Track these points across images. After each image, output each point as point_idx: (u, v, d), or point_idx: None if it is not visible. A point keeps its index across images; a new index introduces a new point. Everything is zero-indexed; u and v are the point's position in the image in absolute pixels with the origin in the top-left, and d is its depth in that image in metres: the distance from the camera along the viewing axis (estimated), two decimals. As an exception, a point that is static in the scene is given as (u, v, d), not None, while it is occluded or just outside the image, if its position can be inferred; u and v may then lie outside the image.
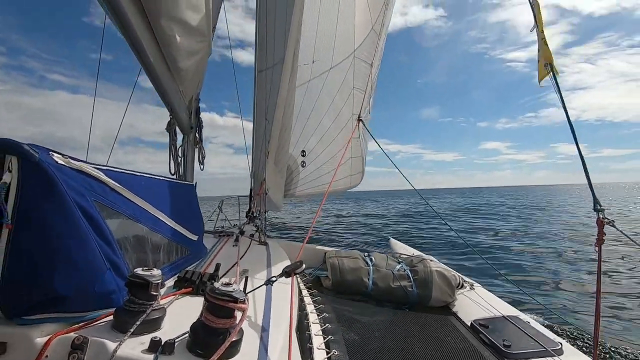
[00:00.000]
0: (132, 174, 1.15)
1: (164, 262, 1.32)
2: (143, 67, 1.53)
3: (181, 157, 2.66)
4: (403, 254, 3.15)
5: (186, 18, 1.50)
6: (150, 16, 1.37)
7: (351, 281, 2.41)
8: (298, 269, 1.17)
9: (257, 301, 1.20)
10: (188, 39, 1.64)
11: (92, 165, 0.94)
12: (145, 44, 1.40)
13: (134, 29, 1.30)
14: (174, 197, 1.47)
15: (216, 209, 4.11)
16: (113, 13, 1.23)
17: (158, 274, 0.89)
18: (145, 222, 1.17)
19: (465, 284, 2.54)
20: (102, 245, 0.91)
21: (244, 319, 0.84)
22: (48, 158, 0.80)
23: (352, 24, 4.11)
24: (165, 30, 1.44)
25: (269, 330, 0.99)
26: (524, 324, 1.87)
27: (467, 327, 1.96)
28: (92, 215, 0.89)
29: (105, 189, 0.97)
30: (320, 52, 4.16)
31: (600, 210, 1.28)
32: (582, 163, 1.35)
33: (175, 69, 1.75)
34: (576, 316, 3.52)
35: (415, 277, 2.40)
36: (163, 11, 1.38)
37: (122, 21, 1.27)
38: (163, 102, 1.95)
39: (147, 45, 1.41)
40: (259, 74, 3.69)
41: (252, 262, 1.77)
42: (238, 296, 0.82)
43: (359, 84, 4.44)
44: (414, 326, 1.96)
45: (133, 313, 0.84)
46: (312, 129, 4.50)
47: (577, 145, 1.39)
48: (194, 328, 0.83)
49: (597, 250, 1.32)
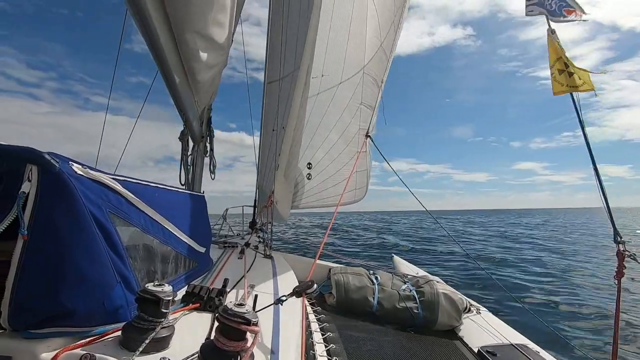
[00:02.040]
0: (147, 185, 1.14)
1: (172, 274, 1.29)
2: (163, 78, 1.54)
3: (190, 166, 2.67)
4: (408, 274, 3.09)
5: (211, 33, 1.52)
6: (176, 29, 1.39)
7: (356, 300, 2.36)
8: (309, 290, 1.14)
9: (265, 320, 1.16)
10: (210, 53, 1.66)
11: (109, 176, 0.93)
12: (168, 56, 1.42)
13: (159, 40, 1.32)
14: (185, 208, 1.45)
15: (220, 218, 4.09)
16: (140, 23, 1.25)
17: (169, 290, 0.87)
18: (155, 234, 1.15)
19: (472, 308, 2.47)
20: (114, 259, 0.89)
21: (256, 342, 0.81)
22: (68, 168, 0.80)
23: (363, 41, 4.16)
24: (189, 44, 1.46)
25: (278, 354, 0.95)
26: (534, 354, 1.81)
27: (474, 353, 1.90)
28: (106, 227, 0.87)
29: (121, 200, 0.96)
30: (330, 66, 4.21)
31: (621, 242, 1.25)
32: (602, 191, 1.32)
33: (193, 80, 1.77)
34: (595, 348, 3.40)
35: (421, 299, 2.35)
36: (190, 26, 1.40)
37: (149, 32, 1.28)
38: (178, 111, 1.96)
39: (169, 57, 1.43)
40: (269, 85, 3.72)
41: (258, 277, 1.74)
42: (251, 318, 0.79)
43: (367, 100, 4.47)
44: (420, 350, 1.90)
45: (142, 330, 0.81)
46: (320, 142, 4.52)
47: (596, 171, 1.37)
48: (204, 350, 0.80)
49: (617, 283, 1.28)
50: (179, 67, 1.55)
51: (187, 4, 1.30)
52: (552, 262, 8.26)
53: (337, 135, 4.55)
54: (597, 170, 1.37)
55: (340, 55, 4.20)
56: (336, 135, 4.55)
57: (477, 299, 2.78)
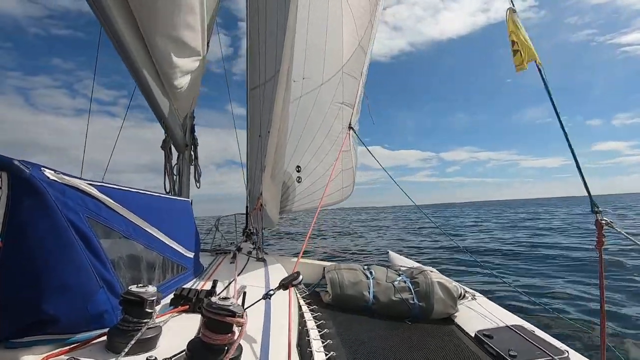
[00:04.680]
0: (127, 190, 1.13)
1: (160, 280, 1.28)
2: (137, 84, 1.53)
3: (176, 176, 2.65)
4: (403, 266, 3.11)
5: (182, 36, 1.52)
6: (145, 34, 1.38)
7: (351, 295, 2.36)
8: (295, 281, 1.14)
9: (256, 317, 1.16)
10: (183, 58, 1.66)
11: (85, 182, 0.92)
12: (140, 61, 1.41)
13: (127, 45, 1.31)
14: (170, 213, 1.44)
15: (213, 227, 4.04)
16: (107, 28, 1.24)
17: (153, 290, 0.86)
18: (140, 239, 1.14)
19: (467, 295, 2.50)
20: (95, 264, 0.88)
21: (243, 334, 0.81)
22: (39, 174, 0.79)
23: (340, 41, 4.23)
24: (160, 48, 1.45)
25: (269, 346, 0.95)
26: (529, 333, 1.83)
27: (471, 338, 1.91)
28: (85, 232, 0.86)
29: (99, 206, 0.95)
30: (310, 69, 4.24)
31: (598, 212, 1.28)
32: (576, 162, 1.36)
33: (170, 86, 1.77)
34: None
35: (416, 289, 2.36)
36: (159, 29, 1.39)
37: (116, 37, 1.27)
38: (157, 119, 1.95)
39: (141, 63, 1.42)
40: (251, 91, 3.73)
41: (250, 278, 1.73)
42: (236, 310, 0.79)
43: (348, 99, 4.54)
44: (417, 339, 1.91)
45: (127, 332, 0.80)
46: (306, 145, 4.54)
47: (568, 142, 1.40)
48: (191, 346, 0.79)
49: (598, 252, 1.31)
50: (154, 73, 1.55)
51: (152, 6, 1.30)
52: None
53: (322, 136, 4.58)
54: (569, 141, 1.41)
55: (320, 57, 4.24)
56: (321, 136, 4.58)
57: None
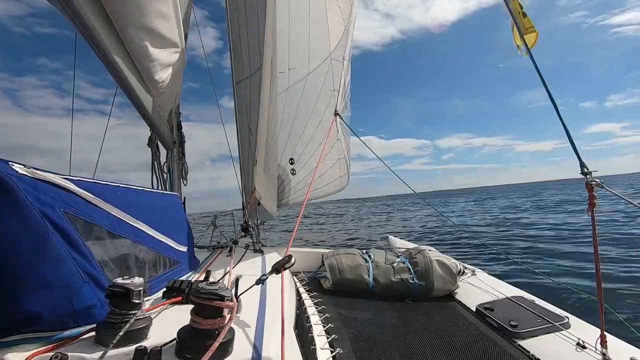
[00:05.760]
0: (106, 184, 1.11)
1: (151, 275, 1.27)
2: (117, 81, 1.49)
3: (167, 174, 2.62)
4: (402, 247, 3.11)
5: (156, 27, 1.47)
6: (118, 27, 1.34)
7: (351, 280, 2.36)
8: (287, 264, 1.13)
9: (251, 302, 1.15)
10: (160, 49, 1.61)
11: (60, 176, 0.90)
12: (116, 57, 1.36)
13: (102, 40, 1.27)
14: (156, 207, 1.42)
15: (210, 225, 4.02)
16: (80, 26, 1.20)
17: (139, 281, 0.85)
18: (125, 233, 1.12)
19: (467, 271, 2.51)
20: (77, 258, 0.86)
21: (233, 318, 0.80)
22: (7, 168, 0.76)
23: (326, 27, 4.15)
24: (135, 40, 1.40)
25: (264, 330, 0.94)
26: (529, 303, 1.84)
27: (472, 312, 1.92)
28: (63, 227, 0.84)
29: (77, 200, 0.93)
30: (296, 59, 4.18)
31: (588, 173, 1.27)
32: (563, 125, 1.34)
33: (150, 81, 1.72)
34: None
35: (415, 269, 2.36)
36: (130, 21, 1.34)
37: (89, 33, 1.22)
38: (142, 116, 1.91)
39: (118, 58, 1.38)
40: (237, 85, 3.68)
41: (246, 269, 1.72)
42: (224, 294, 0.78)
43: (338, 85, 4.47)
44: (419, 317, 1.92)
45: (115, 325, 0.79)
46: (298, 136, 4.49)
47: (552, 100, 1.38)
48: (181, 333, 0.78)
49: (590, 214, 1.30)
50: (132, 68, 1.50)
51: None
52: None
53: (313, 126, 4.53)
54: (552, 97, 1.39)
55: (304, 46, 4.17)
56: (313, 126, 4.53)
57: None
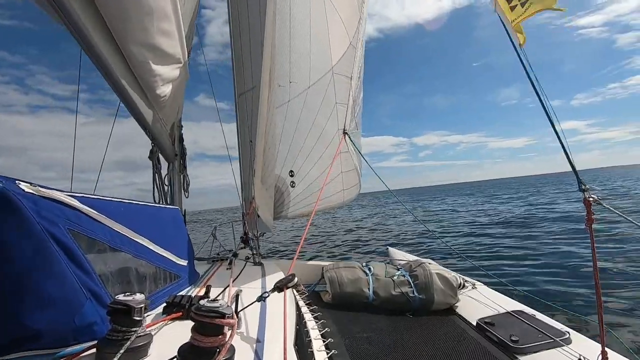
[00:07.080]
0: (109, 200, 1.12)
1: (152, 289, 1.27)
2: (119, 96, 1.52)
3: (168, 186, 2.64)
4: (402, 260, 3.10)
5: (158, 44, 1.51)
6: (120, 43, 1.37)
7: (351, 293, 2.35)
8: (290, 283, 1.13)
9: (251, 319, 1.15)
10: (163, 65, 1.65)
11: (64, 193, 0.91)
12: (118, 72, 1.39)
13: (104, 56, 1.30)
14: (158, 222, 1.43)
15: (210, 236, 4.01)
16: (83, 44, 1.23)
17: (141, 298, 0.85)
18: (127, 248, 1.13)
19: (467, 284, 2.49)
20: (80, 275, 0.87)
21: (234, 335, 0.80)
22: (14, 187, 0.78)
23: (327, 41, 4.21)
24: (137, 56, 1.44)
25: (264, 347, 0.94)
26: (530, 317, 1.83)
27: (472, 327, 1.91)
28: (67, 244, 0.85)
29: (81, 217, 0.94)
30: (296, 73, 4.22)
31: (586, 190, 1.28)
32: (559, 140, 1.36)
33: (152, 96, 1.76)
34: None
35: (415, 282, 2.35)
36: (132, 38, 1.38)
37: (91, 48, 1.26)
38: (143, 130, 1.94)
39: (120, 73, 1.41)
40: (239, 97, 3.72)
41: (246, 283, 1.71)
42: (225, 311, 0.78)
43: (342, 98, 4.50)
44: (419, 331, 1.90)
45: (116, 342, 0.79)
46: (298, 149, 4.50)
47: (549, 117, 1.39)
48: (181, 351, 0.78)
49: (589, 231, 1.31)
50: (134, 82, 1.53)
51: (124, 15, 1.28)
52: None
53: (314, 139, 4.55)
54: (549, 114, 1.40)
55: (305, 60, 4.23)
56: (313, 139, 4.55)
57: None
